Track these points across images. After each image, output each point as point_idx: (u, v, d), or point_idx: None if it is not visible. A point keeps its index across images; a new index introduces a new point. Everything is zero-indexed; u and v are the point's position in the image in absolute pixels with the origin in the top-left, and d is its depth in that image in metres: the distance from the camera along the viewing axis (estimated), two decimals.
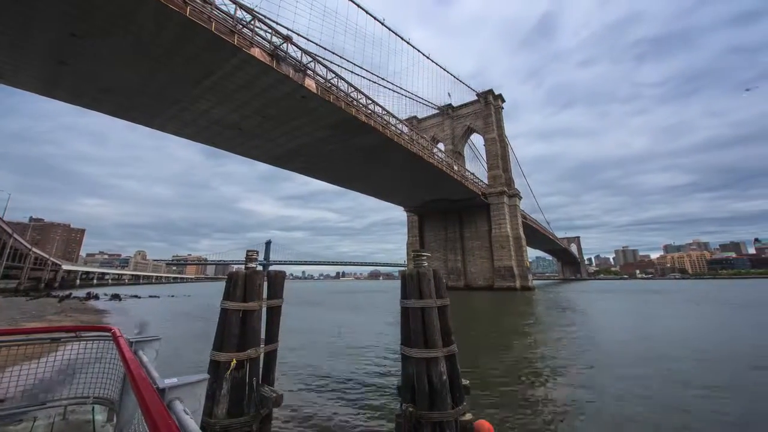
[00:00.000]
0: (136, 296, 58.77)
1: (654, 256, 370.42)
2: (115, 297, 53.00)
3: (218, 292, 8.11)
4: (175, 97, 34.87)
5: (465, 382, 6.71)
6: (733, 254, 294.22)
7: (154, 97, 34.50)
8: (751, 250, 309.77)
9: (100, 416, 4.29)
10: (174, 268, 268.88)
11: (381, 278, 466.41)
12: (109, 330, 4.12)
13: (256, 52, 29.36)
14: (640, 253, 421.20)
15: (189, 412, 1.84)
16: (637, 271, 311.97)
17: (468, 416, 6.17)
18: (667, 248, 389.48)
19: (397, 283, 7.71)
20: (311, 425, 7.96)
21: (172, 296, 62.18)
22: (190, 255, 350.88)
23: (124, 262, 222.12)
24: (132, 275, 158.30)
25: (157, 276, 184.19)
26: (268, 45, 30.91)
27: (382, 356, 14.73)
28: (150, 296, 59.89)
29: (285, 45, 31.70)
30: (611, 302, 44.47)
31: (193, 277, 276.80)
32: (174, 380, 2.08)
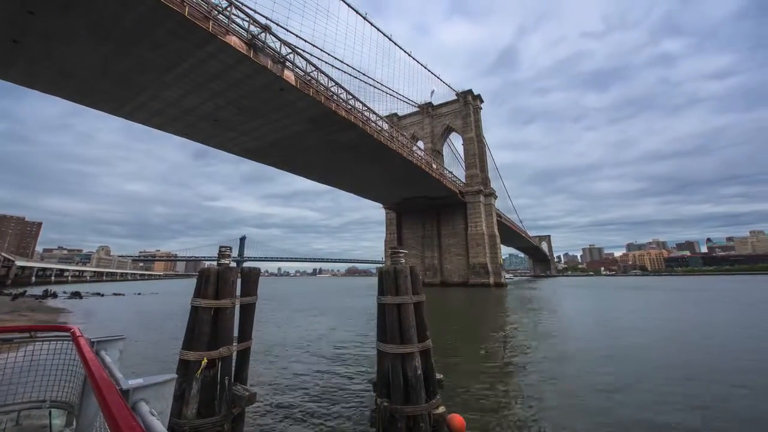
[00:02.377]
0: (98, 294, 55.63)
1: (618, 254, 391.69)
2: (76, 295, 49.92)
3: (188, 289, 7.84)
4: (143, 85, 33.01)
5: (438, 376, 6.86)
6: (687, 253, 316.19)
7: (118, 83, 32.49)
8: (704, 249, 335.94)
9: (58, 421, 4.05)
10: (141, 264, 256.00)
11: (357, 275, 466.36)
12: (68, 330, 3.89)
13: (232, 40, 28.29)
14: (605, 251, 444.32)
15: (155, 414, 1.80)
16: (602, 269, 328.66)
17: (441, 409, 6.32)
18: (630, 246, 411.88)
19: (374, 280, 7.76)
20: (285, 423, 7.89)
21: (139, 294, 59.47)
22: (158, 251, 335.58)
23: (86, 258, 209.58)
24: (94, 272, 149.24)
25: (122, 273, 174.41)
26: (245, 34, 29.84)
27: (357, 352, 14.78)
28: (114, 294, 56.88)
29: (263, 34, 30.74)
30: (577, 298, 46.70)
31: (161, 274, 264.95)
32: (139, 381, 2.02)
